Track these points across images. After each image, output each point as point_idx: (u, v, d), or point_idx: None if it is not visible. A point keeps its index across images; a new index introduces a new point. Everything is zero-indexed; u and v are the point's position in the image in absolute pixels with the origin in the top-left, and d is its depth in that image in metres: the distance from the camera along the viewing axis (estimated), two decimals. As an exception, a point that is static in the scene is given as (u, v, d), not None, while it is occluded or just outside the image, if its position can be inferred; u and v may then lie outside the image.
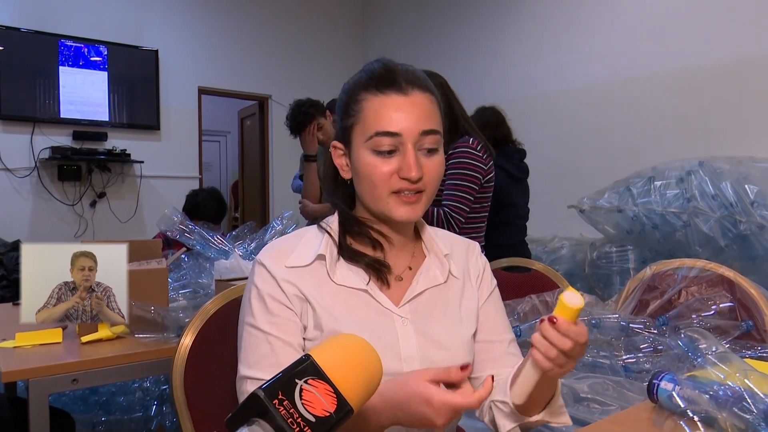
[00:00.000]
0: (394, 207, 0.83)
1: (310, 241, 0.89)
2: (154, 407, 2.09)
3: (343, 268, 0.87)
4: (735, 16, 3.25)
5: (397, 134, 0.81)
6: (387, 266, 0.88)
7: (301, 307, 0.84)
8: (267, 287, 0.84)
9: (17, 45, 4.26)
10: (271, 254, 0.87)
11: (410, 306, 0.87)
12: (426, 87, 0.85)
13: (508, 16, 4.60)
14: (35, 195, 4.42)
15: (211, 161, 7.69)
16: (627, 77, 3.77)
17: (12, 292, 2.73)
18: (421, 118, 0.82)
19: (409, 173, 0.80)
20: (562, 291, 0.72)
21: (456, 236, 1.01)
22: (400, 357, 0.83)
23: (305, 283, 0.85)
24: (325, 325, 0.82)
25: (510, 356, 0.94)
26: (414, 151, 0.81)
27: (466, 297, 0.93)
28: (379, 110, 0.82)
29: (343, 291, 0.85)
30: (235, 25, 5.36)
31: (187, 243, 2.09)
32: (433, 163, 0.83)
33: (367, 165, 0.83)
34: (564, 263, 3.50)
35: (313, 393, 0.54)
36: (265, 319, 0.83)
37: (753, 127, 3.17)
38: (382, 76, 0.83)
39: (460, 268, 0.95)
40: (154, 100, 4.86)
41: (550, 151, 4.22)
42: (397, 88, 0.82)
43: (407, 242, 0.92)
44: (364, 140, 0.83)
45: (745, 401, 0.83)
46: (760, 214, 2.45)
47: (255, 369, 0.82)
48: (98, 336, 1.44)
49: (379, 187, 0.82)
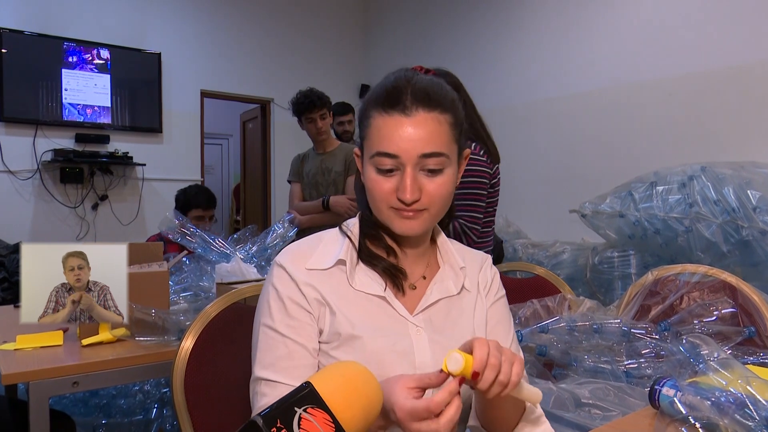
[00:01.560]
0: (393, 221, 0.84)
1: (330, 245, 0.90)
2: (154, 410, 2.08)
3: (361, 274, 0.88)
4: (738, 22, 3.25)
5: (395, 156, 0.81)
6: (403, 272, 0.89)
7: (320, 310, 0.85)
8: (287, 289, 0.85)
9: (21, 48, 4.27)
10: (291, 257, 0.88)
11: (424, 315, 0.88)
12: (435, 105, 0.82)
13: (509, 21, 4.61)
14: (37, 197, 4.43)
15: (213, 164, 7.70)
16: (629, 82, 3.77)
17: (13, 294, 2.73)
18: (422, 141, 0.81)
19: (404, 195, 0.81)
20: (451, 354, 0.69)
21: (471, 250, 1.02)
22: (415, 365, 0.84)
23: (324, 286, 0.85)
24: (343, 330, 0.83)
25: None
26: (413, 173, 0.81)
27: (479, 309, 0.94)
28: (382, 130, 0.82)
29: (361, 297, 0.86)
30: (238, 29, 5.38)
31: (188, 246, 2.09)
32: (435, 185, 0.83)
33: (370, 180, 0.84)
34: (565, 268, 3.49)
35: (312, 422, 0.54)
36: (283, 322, 0.84)
37: (755, 133, 3.17)
38: (389, 94, 0.83)
39: (473, 281, 0.95)
40: (156, 103, 4.87)
41: (551, 156, 4.22)
42: (401, 109, 0.81)
43: (422, 252, 0.93)
44: (369, 156, 0.84)
45: (747, 408, 0.83)
46: (762, 219, 2.45)
47: (270, 370, 0.83)
48: (99, 339, 1.44)
49: (379, 202, 0.84)
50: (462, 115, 0.88)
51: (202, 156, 5.29)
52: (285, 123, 5.52)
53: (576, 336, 1.36)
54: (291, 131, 5.28)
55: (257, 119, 5.88)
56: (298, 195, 2.98)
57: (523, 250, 3.87)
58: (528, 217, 4.28)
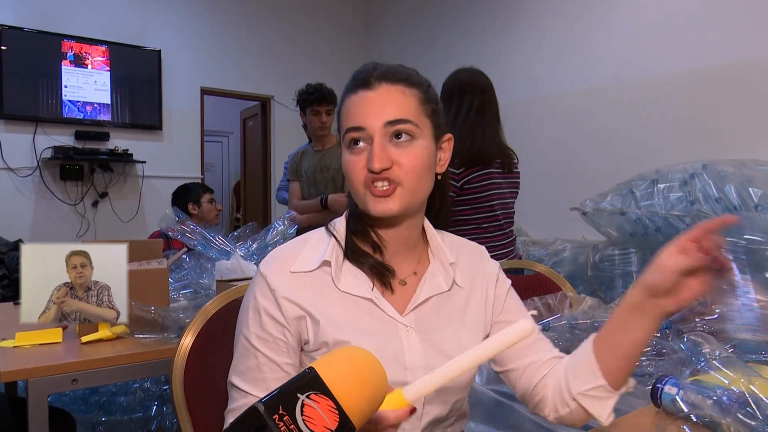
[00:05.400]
0: (369, 202, 0.82)
1: (315, 246, 0.88)
2: (154, 408, 2.08)
3: (347, 275, 0.86)
4: (739, 19, 3.24)
5: (361, 128, 0.81)
6: (391, 270, 0.87)
7: (299, 325, 0.83)
8: (264, 302, 0.83)
9: (20, 45, 4.26)
10: (274, 263, 0.86)
11: (414, 314, 0.86)
12: (399, 80, 0.83)
13: (510, 19, 4.59)
14: (37, 195, 4.42)
15: (213, 162, 7.70)
16: (630, 80, 3.76)
17: (13, 291, 2.74)
18: (387, 108, 0.81)
19: (372, 164, 0.79)
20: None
21: (464, 241, 0.99)
22: (405, 366, 0.82)
23: (308, 291, 0.83)
24: (329, 337, 0.81)
25: (541, 341, 0.93)
26: (382, 142, 0.80)
27: (472, 305, 0.92)
28: (349, 108, 0.84)
29: (348, 299, 0.84)
30: (238, 26, 5.37)
31: (188, 243, 2.08)
32: (405, 155, 0.81)
33: (345, 163, 0.84)
34: (566, 266, 3.48)
35: (315, 409, 0.52)
36: (256, 334, 0.83)
37: (757, 130, 3.16)
38: (357, 77, 0.85)
39: (466, 276, 0.93)
40: (156, 101, 4.86)
41: (552, 154, 4.21)
42: (365, 85, 0.83)
43: (412, 247, 0.90)
44: (343, 140, 0.85)
45: (749, 406, 0.83)
46: (764, 217, 2.44)
47: (240, 378, 0.84)
48: (98, 336, 1.44)
49: (354, 181, 0.83)
50: (436, 98, 0.88)
51: (202, 153, 5.28)
52: (285, 120, 5.51)
53: (577, 334, 1.36)
54: (291, 129, 5.27)
55: (257, 117, 5.87)
56: (296, 193, 2.95)
57: (523, 248, 3.86)
58: (528, 215, 4.26)
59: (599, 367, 0.81)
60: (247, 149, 6.33)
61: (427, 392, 0.64)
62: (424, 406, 0.84)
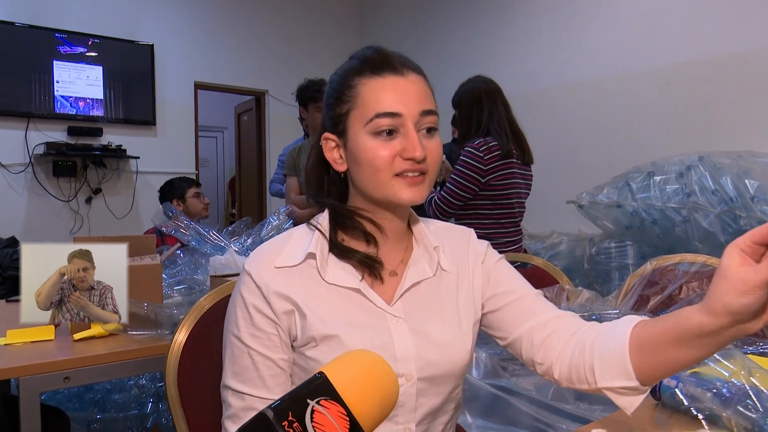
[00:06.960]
0: (399, 190, 0.80)
1: (299, 240, 0.86)
2: (149, 405, 2.07)
3: (334, 266, 0.84)
4: (735, 10, 3.23)
5: (398, 114, 0.79)
6: (379, 262, 0.85)
7: (288, 320, 0.81)
8: (252, 299, 0.82)
9: (11, 39, 4.22)
10: (259, 259, 0.84)
11: (403, 303, 0.85)
12: (419, 69, 0.84)
13: (506, 11, 4.57)
14: (30, 191, 4.39)
15: (208, 157, 7.66)
16: (626, 72, 3.75)
17: (6, 288, 2.71)
18: (420, 98, 0.81)
19: (414, 153, 0.78)
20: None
21: (449, 225, 0.98)
22: (396, 357, 0.81)
23: (294, 285, 0.82)
24: (316, 332, 0.80)
25: (537, 304, 0.88)
26: (415, 131, 0.80)
27: (462, 290, 0.90)
28: (378, 92, 0.80)
29: (335, 291, 0.82)
30: (232, 20, 5.33)
31: (183, 239, 2.07)
32: (433, 144, 0.82)
33: (367, 149, 0.80)
34: (562, 259, 3.48)
35: (325, 415, 0.51)
36: (247, 332, 0.81)
37: (753, 122, 3.16)
38: (376, 60, 0.82)
39: (454, 259, 0.91)
40: (149, 96, 4.83)
41: (548, 147, 4.19)
42: (392, 70, 0.81)
43: (402, 235, 0.89)
44: (363, 124, 0.80)
45: (749, 399, 0.82)
46: (760, 209, 2.44)
47: (236, 380, 0.81)
48: (91, 333, 1.42)
49: (382, 170, 0.80)
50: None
51: (196, 148, 5.25)
52: (280, 115, 5.49)
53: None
54: (286, 123, 5.25)
55: (252, 111, 5.84)
56: (295, 188, 2.94)
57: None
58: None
59: (633, 366, 0.74)
60: (242, 144, 6.30)
61: None
62: (417, 398, 0.83)
